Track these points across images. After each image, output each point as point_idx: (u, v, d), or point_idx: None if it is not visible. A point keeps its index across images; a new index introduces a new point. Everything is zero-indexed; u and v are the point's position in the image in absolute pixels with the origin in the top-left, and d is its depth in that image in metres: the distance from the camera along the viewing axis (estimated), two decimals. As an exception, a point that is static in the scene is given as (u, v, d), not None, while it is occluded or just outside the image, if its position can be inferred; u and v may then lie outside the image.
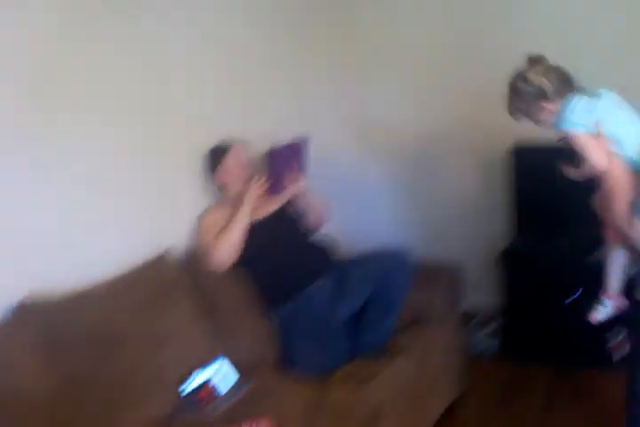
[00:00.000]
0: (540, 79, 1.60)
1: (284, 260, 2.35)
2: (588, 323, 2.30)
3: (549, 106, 1.62)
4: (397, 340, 2.28)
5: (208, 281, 2.26)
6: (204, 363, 1.96)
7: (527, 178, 2.97)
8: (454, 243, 3.22)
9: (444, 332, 2.46)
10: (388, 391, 2.04)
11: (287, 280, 2.31)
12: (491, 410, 2.55)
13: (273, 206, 2.45)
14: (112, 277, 2.00)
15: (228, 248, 2.28)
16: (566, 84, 1.62)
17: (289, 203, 2.50)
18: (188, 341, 1.99)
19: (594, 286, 2.80)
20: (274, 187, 2.37)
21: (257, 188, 2.35)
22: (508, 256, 2.99)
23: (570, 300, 2.87)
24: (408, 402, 2.16)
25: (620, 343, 2.78)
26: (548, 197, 2.95)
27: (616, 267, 1.93)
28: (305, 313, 2.27)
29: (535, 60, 1.64)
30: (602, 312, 2.02)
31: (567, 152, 1.67)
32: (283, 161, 2.37)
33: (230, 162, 2.44)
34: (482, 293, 3.13)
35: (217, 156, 2.45)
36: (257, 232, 2.33)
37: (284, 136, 2.42)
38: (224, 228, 2.31)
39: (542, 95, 1.60)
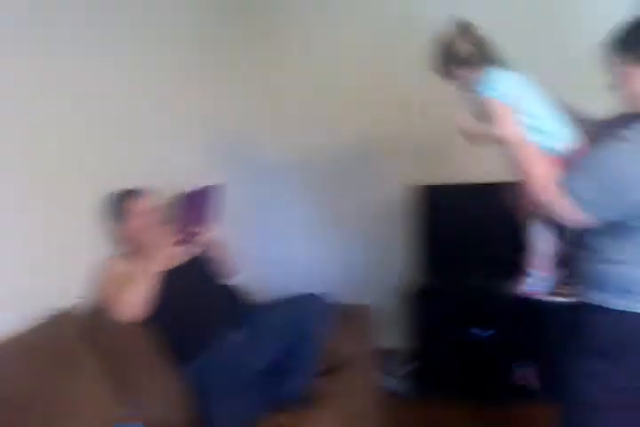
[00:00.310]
0: (466, 46, 1.64)
1: (195, 310, 2.24)
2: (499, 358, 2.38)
3: (472, 72, 1.65)
4: (317, 386, 2.23)
5: (113, 338, 2.11)
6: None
7: (437, 216, 3.08)
8: (365, 284, 3.24)
9: (361, 375, 2.44)
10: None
11: (199, 332, 2.20)
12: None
13: (184, 255, 2.36)
14: (7, 338, 1.81)
15: (135, 301, 2.13)
16: (490, 54, 1.67)
17: (201, 251, 2.42)
18: (94, 405, 1.83)
19: (509, 321, 2.92)
20: (185, 235, 2.27)
21: (168, 237, 2.25)
22: (419, 295, 3.05)
23: (487, 333, 2.95)
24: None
25: (526, 376, 2.88)
26: (458, 234, 3.06)
27: (540, 240, 1.92)
28: (218, 365, 2.16)
29: (463, 28, 1.68)
30: (530, 284, 1.97)
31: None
32: (195, 207, 2.29)
33: (136, 209, 2.32)
34: (394, 333, 3.15)
35: (121, 203, 2.33)
36: (167, 283, 2.21)
37: (194, 180, 2.35)
38: (130, 280, 2.18)
39: (466, 62, 1.64)
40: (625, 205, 1.43)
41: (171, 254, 2.26)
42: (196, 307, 2.26)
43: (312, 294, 2.35)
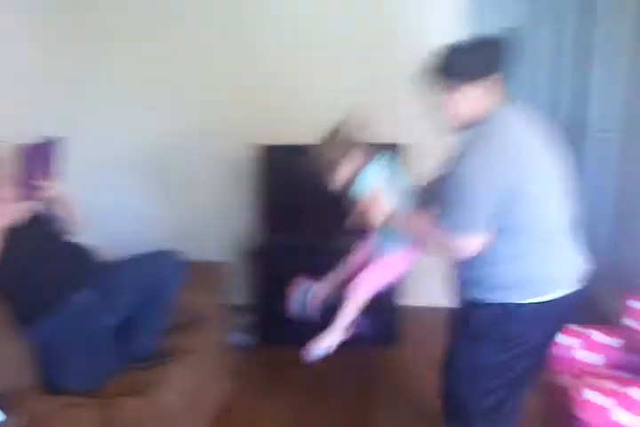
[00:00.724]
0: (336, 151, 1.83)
1: (39, 270, 2.10)
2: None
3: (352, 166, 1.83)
4: (173, 342, 2.25)
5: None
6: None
7: (275, 176, 3.17)
8: (208, 242, 3.26)
9: (214, 330, 2.49)
10: (176, 395, 2.02)
11: (46, 292, 2.08)
12: (262, 399, 2.67)
13: (26, 212, 2.18)
14: None
15: None
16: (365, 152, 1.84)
17: (44, 207, 2.25)
18: None
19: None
20: (27, 189, 2.10)
21: (9, 192, 2.06)
22: (260, 251, 3.15)
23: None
24: (193, 402, 2.15)
25: (359, 324, 3.15)
26: (295, 193, 3.18)
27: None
28: (64, 326, 2.07)
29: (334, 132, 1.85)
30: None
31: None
32: (37, 161, 2.12)
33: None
34: (238, 289, 3.23)
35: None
36: (9, 241, 2.04)
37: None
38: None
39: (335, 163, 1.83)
40: (500, 211, 1.58)
41: (12, 210, 2.09)
42: (39, 266, 2.11)
43: (162, 252, 2.34)
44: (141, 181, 3.41)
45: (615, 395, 2.15)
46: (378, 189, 1.79)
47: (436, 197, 1.70)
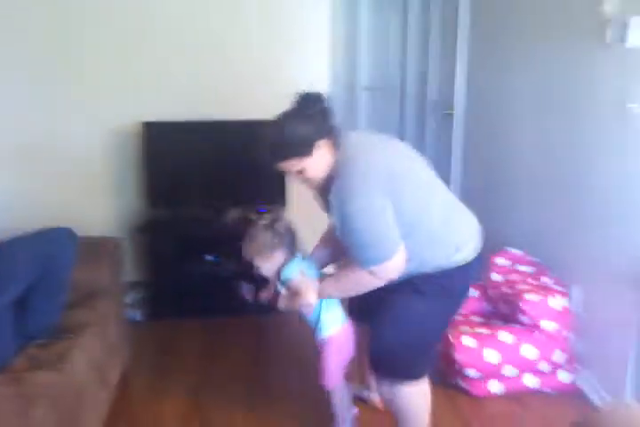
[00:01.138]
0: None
1: None
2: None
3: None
4: (73, 316, 2.23)
5: None
6: None
7: (157, 152, 3.17)
8: (95, 220, 3.21)
9: (111, 305, 2.49)
10: (84, 367, 2.03)
11: None
12: (156, 373, 2.72)
13: None
14: None
15: None
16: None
17: None
18: None
19: (228, 243, 3.24)
20: None
21: None
22: (146, 227, 3.16)
23: (210, 257, 3.24)
24: (98, 377, 2.17)
25: (246, 292, 3.27)
26: (178, 168, 3.22)
27: None
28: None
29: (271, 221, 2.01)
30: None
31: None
32: None
33: None
34: (130, 265, 3.22)
35: None
36: None
37: None
38: None
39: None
40: (400, 226, 1.72)
41: None
42: None
43: (53, 229, 2.29)
44: (25, 160, 3.27)
45: (484, 338, 2.47)
46: (299, 277, 1.95)
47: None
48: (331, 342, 2.02)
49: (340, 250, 1.98)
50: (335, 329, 2.03)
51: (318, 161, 1.76)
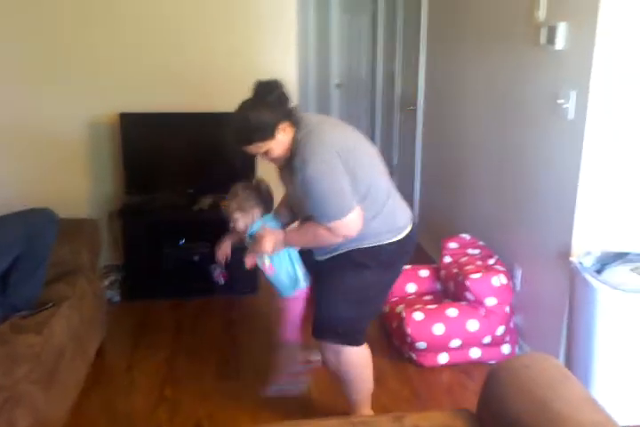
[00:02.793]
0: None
1: None
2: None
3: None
4: (53, 291, 2.41)
5: None
6: None
7: (133, 141, 3.35)
8: (74, 204, 3.38)
9: (89, 282, 2.67)
10: (63, 336, 2.22)
11: None
12: (132, 346, 2.91)
13: None
14: None
15: None
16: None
17: None
18: None
19: (200, 228, 3.44)
20: None
21: None
22: (122, 212, 3.34)
23: (183, 242, 3.43)
24: (77, 345, 2.36)
25: (218, 275, 3.48)
26: (152, 157, 3.41)
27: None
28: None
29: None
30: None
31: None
32: None
33: None
34: (102, 249, 3.40)
35: None
36: None
37: None
38: None
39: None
40: (359, 186, 1.91)
41: None
42: None
43: (35, 209, 2.46)
44: (7, 146, 3.44)
45: (433, 313, 2.69)
46: (262, 230, 2.12)
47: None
48: (294, 300, 2.22)
49: (293, 215, 2.22)
50: (299, 290, 2.21)
51: (281, 141, 1.95)
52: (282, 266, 2.17)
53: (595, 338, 2.17)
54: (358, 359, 2.16)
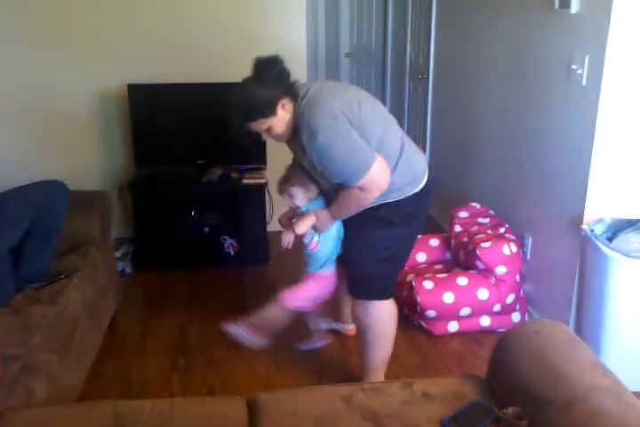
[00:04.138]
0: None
1: None
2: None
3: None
4: (65, 262, 2.43)
5: None
6: None
7: (142, 113, 3.34)
8: (82, 175, 3.39)
9: (101, 253, 2.70)
10: (77, 306, 2.25)
11: None
12: (145, 316, 2.95)
13: None
14: None
15: None
16: None
17: None
18: None
19: (209, 201, 3.45)
20: None
21: None
22: (133, 185, 3.35)
23: (193, 213, 3.44)
24: (90, 315, 2.39)
25: (228, 247, 3.50)
26: (162, 128, 3.39)
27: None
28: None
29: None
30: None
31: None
32: None
33: None
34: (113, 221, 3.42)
35: None
36: None
37: None
38: None
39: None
40: (370, 141, 1.88)
41: None
42: None
43: (47, 181, 2.48)
44: (21, 120, 3.45)
45: (443, 282, 2.70)
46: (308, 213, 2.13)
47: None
48: (318, 278, 2.26)
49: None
50: (326, 270, 2.26)
51: (282, 117, 1.93)
52: (326, 245, 2.19)
53: (605, 305, 2.17)
54: (386, 313, 2.21)
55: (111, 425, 1.47)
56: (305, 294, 2.28)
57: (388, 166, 1.91)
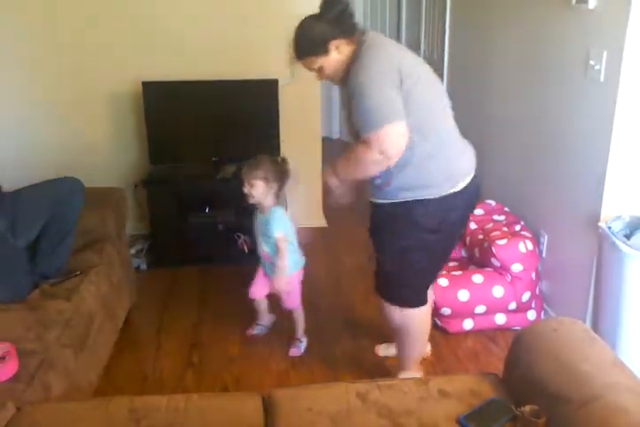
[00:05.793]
0: None
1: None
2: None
3: None
4: (81, 259, 2.44)
5: None
6: None
7: (157, 111, 3.35)
8: (97, 172, 3.41)
9: (117, 249, 2.71)
10: (92, 302, 2.26)
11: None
12: (159, 312, 2.96)
13: None
14: None
15: None
16: None
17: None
18: None
19: (223, 198, 3.45)
20: None
21: None
22: (147, 182, 3.36)
23: (207, 210, 3.45)
24: (106, 312, 2.40)
25: (242, 244, 3.50)
26: (176, 126, 3.40)
27: None
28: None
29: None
30: None
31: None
32: None
33: None
34: (134, 217, 3.45)
35: None
36: None
37: None
38: None
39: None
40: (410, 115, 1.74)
41: None
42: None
43: (63, 178, 2.50)
44: (35, 114, 3.47)
45: (458, 279, 2.68)
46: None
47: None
48: (295, 278, 2.55)
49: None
50: (297, 270, 2.56)
51: (336, 59, 1.88)
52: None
53: (622, 303, 2.15)
54: (417, 315, 2.18)
55: (128, 420, 1.48)
56: (296, 294, 2.61)
57: (406, 138, 1.75)
